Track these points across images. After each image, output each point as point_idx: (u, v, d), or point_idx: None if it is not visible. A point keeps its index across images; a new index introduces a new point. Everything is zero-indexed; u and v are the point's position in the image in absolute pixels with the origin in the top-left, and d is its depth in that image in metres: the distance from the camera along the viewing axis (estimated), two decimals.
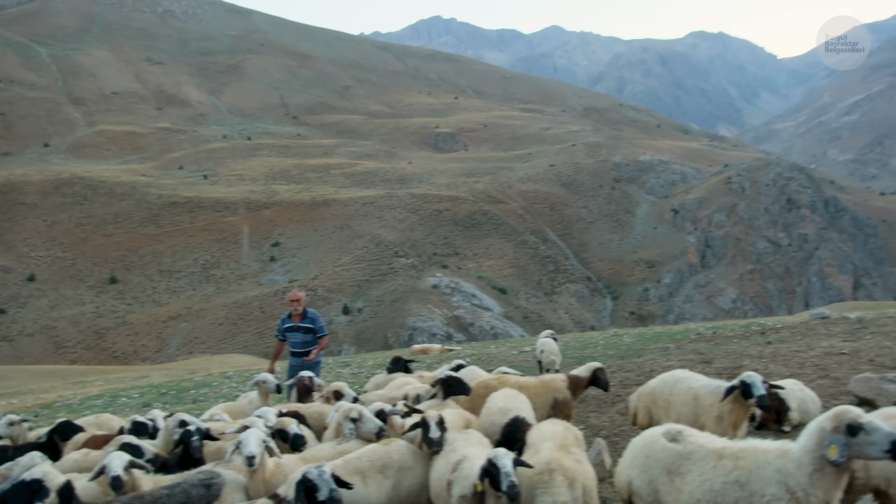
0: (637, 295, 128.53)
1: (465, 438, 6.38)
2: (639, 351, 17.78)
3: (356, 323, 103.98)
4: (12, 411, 18.52)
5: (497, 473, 5.20)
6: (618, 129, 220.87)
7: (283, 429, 7.28)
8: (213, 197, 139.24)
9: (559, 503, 5.36)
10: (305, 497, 5.06)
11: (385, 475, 6.25)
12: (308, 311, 11.85)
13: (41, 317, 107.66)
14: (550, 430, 6.40)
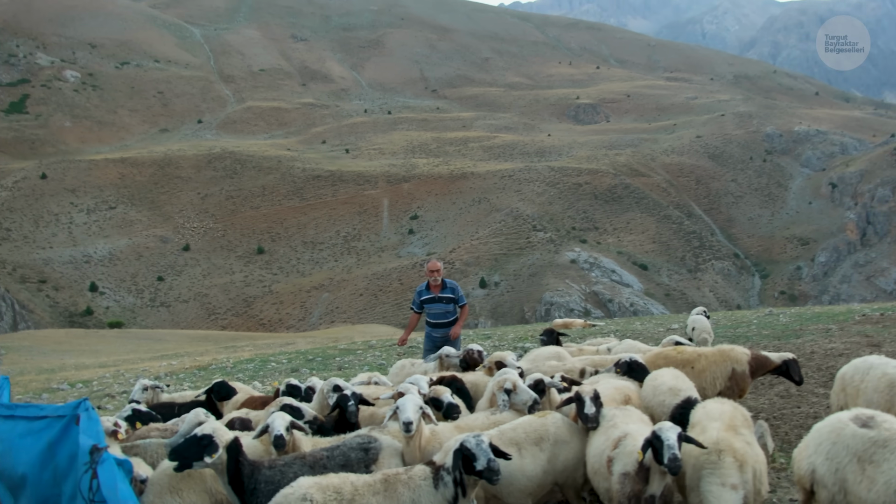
0: (788, 274, 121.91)
1: (625, 415, 6.22)
2: (797, 332, 16.67)
3: (493, 297, 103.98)
4: (172, 372, 21.07)
5: (661, 446, 5.11)
6: (771, 97, 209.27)
7: (436, 397, 7.22)
8: (355, 170, 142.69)
9: (728, 485, 5.20)
10: (463, 466, 5.09)
11: (541, 448, 6.22)
12: (447, 282, 11.66)
13: (195, 284, 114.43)
14: (718, 409, 6.11)
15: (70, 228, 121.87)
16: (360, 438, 6.20)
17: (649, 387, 7.46)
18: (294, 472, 5.57)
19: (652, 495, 5.35)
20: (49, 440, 6.32)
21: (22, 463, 6.64)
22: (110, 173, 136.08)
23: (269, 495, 5.26)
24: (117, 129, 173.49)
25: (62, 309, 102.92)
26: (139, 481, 5.77)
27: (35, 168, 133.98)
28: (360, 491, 5.09)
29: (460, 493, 5.13)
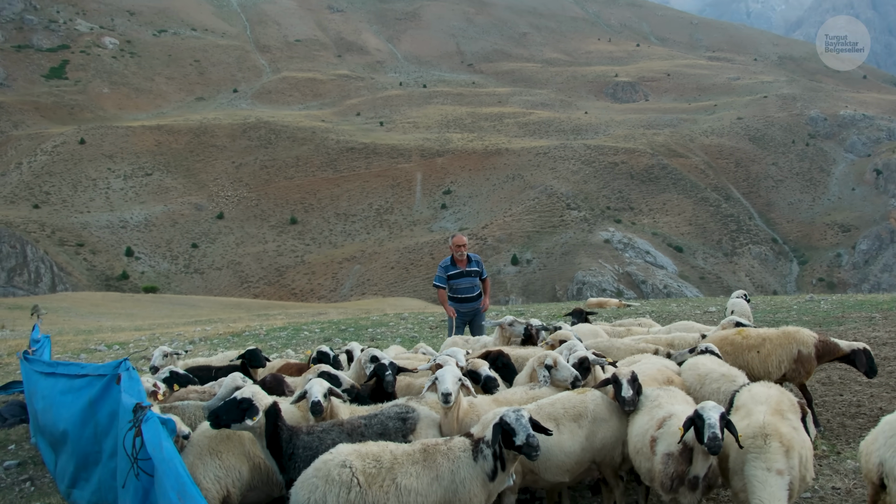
0: (828, 261, 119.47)
1: (669, 395, 6.16)
2: (839, 318, 16.44)
3: (524, 274, 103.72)
4: (206, 337, 21.26)
5: (702, 425, 5.07)
6: (816, 80, 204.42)
7: (474, 370, 7.20)
8: (389, 143, 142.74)
9: (774, 470, 5.14)
10: (502, 440, 5.10)
11: (579, 424, 6.16)
12: (471, 255, 11.62)
13: (228, 252, 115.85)
14: (764, 392, 6.02)
15: (107, 193, 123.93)
16: (398, 408, 6.28)
17: (693, 374, 7.32)
18: (332, 438, 5.67)
19: (695, 476, 5.33)
20: (90, 398, 6.52)
21: (63, 419, 6.98)
22: (147, 140, 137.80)
23: (308, 461, 5.34)
24: (154, 96, 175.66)
25: (99, 272, 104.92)
26: (182, 437, 5.82)
27: (74, 133, 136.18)
28: (399, 460, 5.13)
29: (499, 466, 5.17)
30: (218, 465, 5.78)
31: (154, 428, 4.70)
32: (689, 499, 5.45)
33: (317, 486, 4.93)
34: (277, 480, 5.97)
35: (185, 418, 6.62)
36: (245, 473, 5.97)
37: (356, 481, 4.92)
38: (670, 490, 5.44)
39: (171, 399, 7.67)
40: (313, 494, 4.91)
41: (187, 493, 3.68)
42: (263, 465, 6.02)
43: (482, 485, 5.20)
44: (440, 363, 6.84)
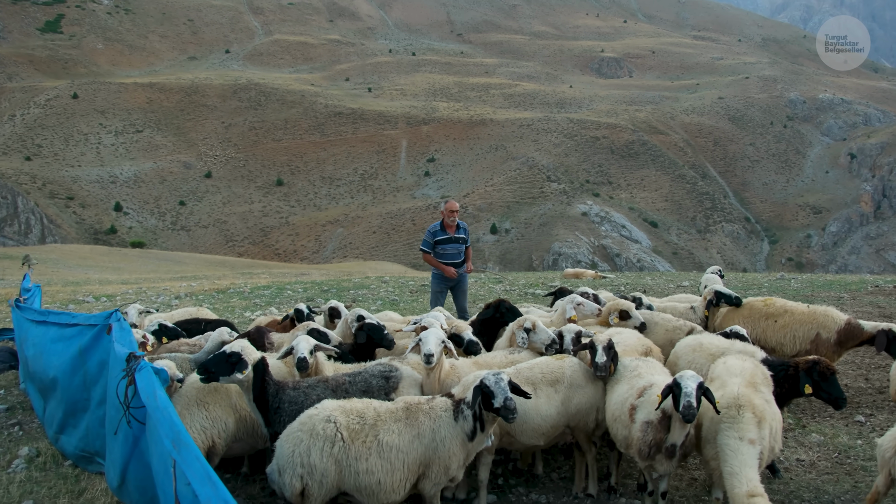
0: (798, 241, 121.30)
1: (649, 366, 6.16)
2: (808, 298, 16.15)
3: (503, 243, 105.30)
4: (191, 293, 21.09)
5: (679, 393, 5.06)
6: (798, 63, 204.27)
7: (458, 333, 7.32)
8: (376, 110, 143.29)
9: (746, 440, 5.14)
10: (482, 402, 5.14)
11: (556, 389, 6.19)
12: (460, 222, 11.44)
13: (215, 211, 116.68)
14: (739, 365, 6.05)
15: (98, 149, 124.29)
16: (382, 367, 6.28)
17: (686, 347, 7.31)
18: (317, 394, 5.71)
19: (673, 444, 5.35)
20: (80, 347, 6.49)
21: (53, 367, 6.91)
22: (139, 97, 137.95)
23: (293, 415, 5.38)
24: (147, 53, 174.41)
25: (88, 226, 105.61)
26: (176, 381, 5.96)
27: (67, 88, 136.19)
28: (382, 416, 5.15)
29: (478, 427, 5.22)
30: (204, 416, 5.78)
31: (147, 377, 4.63)
32: (665, 466, 5.48)
33: (301, 440, 4.95)
34: (262, 433, 6.04)
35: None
36: (231, 425, 5.97)
37: (340, 436, 4.95)
38: (647, 457, 5.45)
39: (160, 351, 7.76)
40: (298, 447, 4.93)
41: (182, 440, 3.69)
42: (249, 417, 6.06)
43: (461, 444, 5.23)
44: (425, 325, 7.06)
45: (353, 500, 5.19)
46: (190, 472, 3.45)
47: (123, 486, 5.33)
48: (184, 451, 3.65)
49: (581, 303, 8.22)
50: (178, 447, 3.69)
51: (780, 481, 6.63)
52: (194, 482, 3.37)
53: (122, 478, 5.28)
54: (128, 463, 5.16)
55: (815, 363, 6.28)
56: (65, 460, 6.93)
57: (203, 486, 3.30)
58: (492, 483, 6.54)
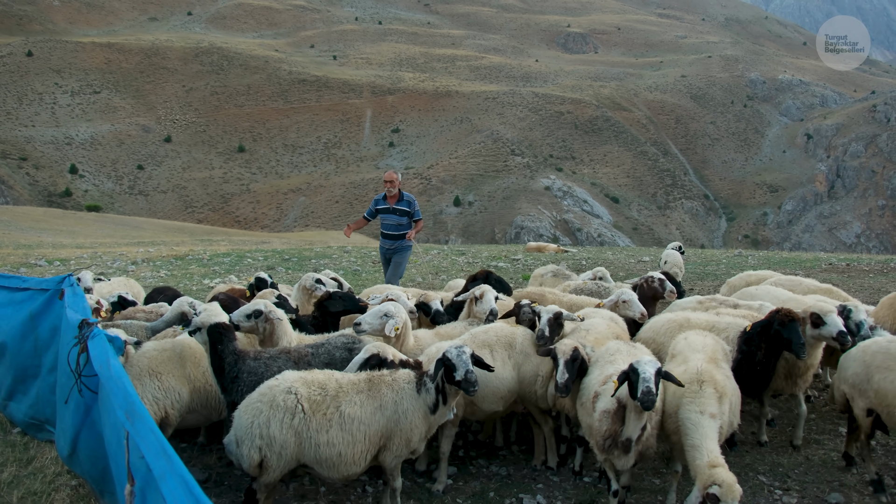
0: (754, 219, 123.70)
1: (631, 352, 5.75)
2: None
3: (466, 216, 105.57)
4: (149, 259, 20.69)
5: (636, 379, 4.80)
6: (759, 43, 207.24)
7: (426, 303, 7.37)
8: (341, 78, 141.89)
9: (707, 414, 5.08)
10: (444, 375, 5.11)
11: (509, 354, 6.25)
12: (405, 194, 11.33)
13: (174, 176, 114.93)
14: (700, 341, 5.99)
15: (53, 109, 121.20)
16: (345, 338, 6.19)
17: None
18: (279, 365, 5.58)
19: (628, 438, 5.06)
20: (31, 312, 6.35)
21: (1, 332, 6.71)
22: (97, 57, 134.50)
23: (252, 386, 5.28)
24: (106, 13, 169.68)
25: (41, 188, 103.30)
26: (132, 344, 5.88)
27: (21, 45, 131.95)
28: (344, 388, 5.06)
29: (441, 400, 5.19)
30: (157, 387, 5.64)
31: (101, 345, 4.48)
32: (622, 462, 5.20)
33: (261, 411, 4.84)
34: (217, 405, 5.97)
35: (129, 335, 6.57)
36: (185, 395, 5.80)
37: (300, 408, 4.85)
38: (604, 450, 5.22)
39: (118, 318, 7.72)
40: (257, 419, 4.82)
41: (136, 412, 3.57)
42: (204, 388, 5.92)
43: (423, 417, 5.19)
44: (392, 297, 7.06)
45: (313, 471, 5.08)
46: (144, 445, 3.32)
47: (74, 456, 5.19)
48: (137, 422, 3.52)
49: (628, 300, 7.45)
50: (131, 418, 3.55)
51: (735, 454, 6.71)
52: (148, 455, 3.24)
53: (73, 447, 5.13)
54: (79, 432, 5.02)
55: (776, 311, 6.30)
56: (13, 427, 6.78)
57: (157, 460, 3.15)
58: (452, 455, 6.47)
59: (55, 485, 5.57)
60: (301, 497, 5.77)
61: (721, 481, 4.50)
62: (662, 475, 6.11)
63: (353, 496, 5.87)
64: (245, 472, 5.03)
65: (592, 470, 6.44)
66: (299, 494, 5.81)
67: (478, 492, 6.05)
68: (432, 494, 5.93)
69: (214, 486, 5.95)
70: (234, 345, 5.59)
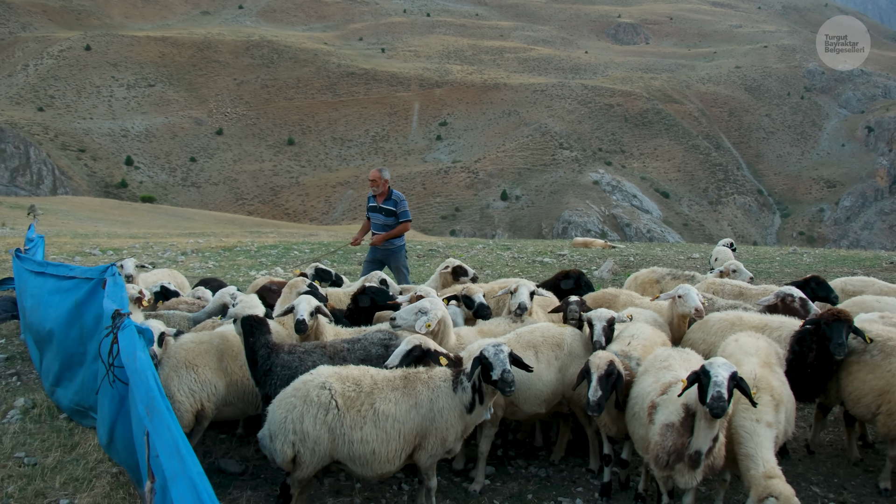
0: (810, 215, 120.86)
1: (683, 357, 5.40)
2: (821, 273, 15.36)
3: (513, 210, 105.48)
4: (198, 249, 21.03)
5: (707, 382, 4.38)
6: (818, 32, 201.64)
7: (469, 296, 7.10)
8: (389, 71, 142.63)
9: (763, 423, 4.79)
10: (481, 373, 4.93)
11: (556, 355, 6.04)
12: (393, 193, 10.78)
13: (225, 168, 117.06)
14: (753, 344, 5.63)
15: (110, 102, 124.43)
16: (382, 334, 6.06)
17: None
18: (313, 360, 5.51)
19: (697, 451, 4.60)
20: (77, 300, 6.41)
21: (50, 319, 6.84)
22: (151, 51, 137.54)
23: (286, 380, 5.20)
24: (160, 7, 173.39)
25: (99, 179, 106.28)
26: (171, 336, 5.87)
27: (80, 39, 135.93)
28: (379, 385, 4.97)
29: (477, 399, 5.02)
30: (193, 379, 5.58)
31: (130, 336, 4.47)
32: (687, 478, 4.73)
33: (294, 406, 4.78)
34: (255, 398, 5.85)
35: (170, 325, 6.60)
36: (221, 388, 5.74)
37: (334, 404, 4.78)
38: (665, 466, 4.76)
39: (161, 308, 7.74)
40: (291, 413, 4.77)
41: (155, 407, 3.50)
42: (241, 381, 5.84)
43: (459, 416, 5.04)
44: (421, 294, 6.85)
45: (347, 468, 5.01)
46: (159, 443, 3.24)
47: (112, 444, 5.22)
48: (156, 419, 3.45)
49: (684, 295, 6.84)
50: (151, 414, 3.49)
51: (789, 463, 6.42)
52: (162, 454, 3.17)
53: (111, 436, 5.16)
54: (115, 421, 5.03)
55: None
56: (60, 413, 6.88)
57: (170, 460, 3.07)
58: (490, 455, 6.31)
59: (96, 472, 5.63)
60: (336, 493, 5.71)
61: (778, 493, 4.29)
62: (709, 482, 5.80)
63: (389, 494, 5.78)
64: (279, 467, 4.97)
65: (636, 474, 6.16)
66: (334, 490, 5.75)
67: (515, 493, 5.89)
68: (469, 495, 5.81)
69: (251, 478, 5.93)
70: (268, 338, 5.50)
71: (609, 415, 5.53)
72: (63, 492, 5.31)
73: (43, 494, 5.27)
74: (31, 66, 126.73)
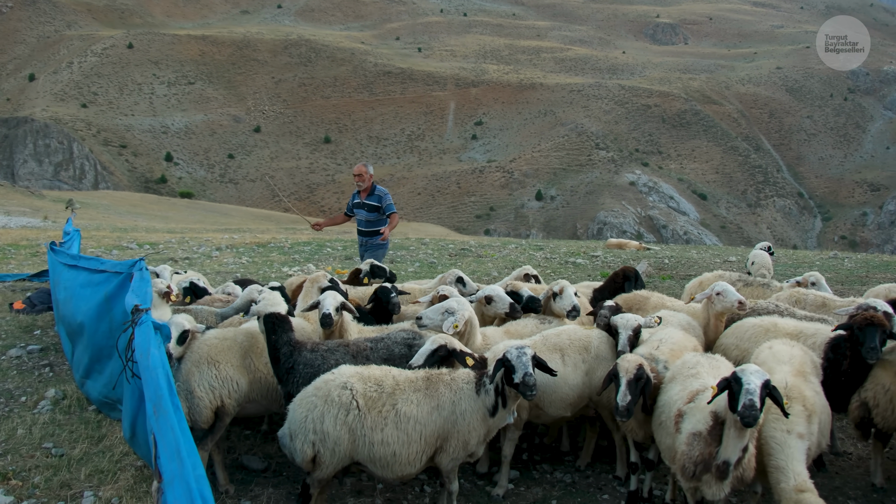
0: (852, 219, 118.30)
1: (712, 364, 5.18)
2: (862, 279, 15.31)
3: (547, 210, 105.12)
4: (232, 245, 21.13)
5: (739, 390, 4.19)
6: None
7: (516, 291, 7.02)
8: (425, 70, 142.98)
9: (795, 434, 4.59)
10: (504, 376, 4.83)
11: (583, 358, 5.92)
12: (376, 188, 10.79)
13: (262, 165, 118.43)
14: (787, 351, 5.41)
15: (151, 99, 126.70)
16: (405, 333, 5.99)
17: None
18: (336, 359, 5.45)
19: (725, 462, 4.40)
20: (106, 293, 6.43)
21: (81, 312, 6.89)
22: (191, 49, 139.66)
23: (308, 378, 5.17)
24: (201, 6, 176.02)
25: (139, 174, 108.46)
26: (198, 332, 5.81)
27: (123, 37, 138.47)
28: (401, 386, 4.92)
29: (500, 402, 4.93)
30: (214, 375, 5.53)
31: (145, 332, 4.44)
32: (714, 489, 4.52)
33: (315, 405, 4.75)
34: (279, 396, 5.75)
35: (198, 321, 6.53)
36: (243, 385, 5.66)
37: (355, 404, 4.73)
38: (692, 477, 4.57)
39: (199, 304, 7.75)
40: (311, 413, 4.74)
41: (162, 407, 3.46)
42: (265, 378, 5.76)
43: (482, 419, 4.95)
44: (445, 294, 6.75)
45: (367, 470, 4.94)
46: (161, 444, 3.19)
47: (134, 438, 5.23)
48: (161, 419, 3.39)
49: (722, 291, 6.66)
50: (157, 414, 3.44)
51: (825, 476, 6.16)
52: (163, 456, 3.12)
53: (133, 430, 5.17)
54: (136, 416, 5.02)
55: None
56: (89, 405, 6.95)
57: (170, 462, 3.03)
58: (515, 458, 6.19)
59: (121, 464, 5.67)
60: (358, 493, 5.66)
61: None
62: (741, 494, 5.55)
63: (411, 496, 5.71)
64: (298, 466, 4.92)
65: (663, 483, 6.00)
66: (356, 490, 5.70)
67: (539, 499, 5.78)
68: (492, 499, 5.71)
69: (273, 475, 5.93)
70: (291, 335, 5.44)
71: (636, 419, 5.37)
72: (88, 483, 5.34)
73: (68, 485, 5.30)
74: (76, 63, 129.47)
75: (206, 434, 5.47)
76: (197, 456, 3.10)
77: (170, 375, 3.92)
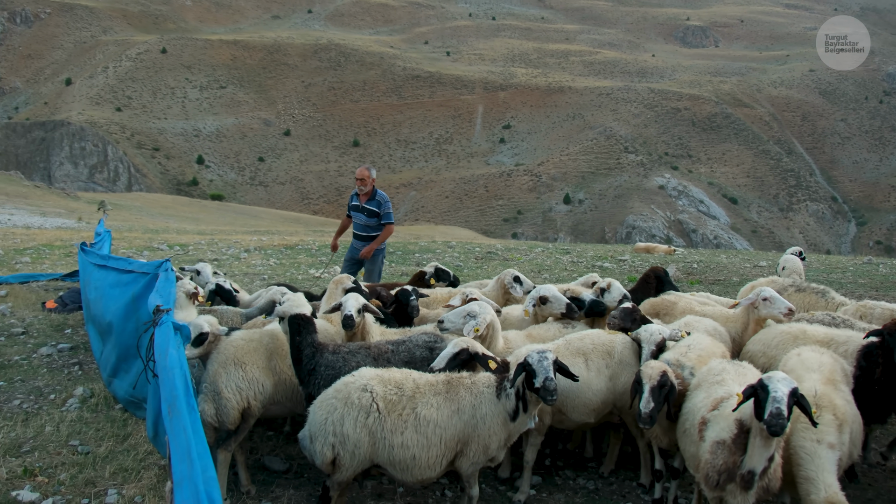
0: (888, 224, 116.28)
1: (739, 371, 5.08)
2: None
3: (575, 213, 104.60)
4: (261, 247, 21.45)
5: (765, 398, 4.09)
6: None
7: (577, 296, 6.91)
8: (454, 74, 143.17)
9: (825, 444, 4.46)
10: (525, 381, 4.80)
11: (606, 363, 5.83)
12: (377, 193, 10.45)
13: (292, 168, 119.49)
14: (816, 359, 5.27)
15: (184, 103, 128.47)
16: (427, 336, 5.95)
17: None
18: (357, 361, 5.44)
19: (750, 471, 4.28)
20: (133, 294, 6.51)
21: (109, 311, 7.01)
22: (223, 54, 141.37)
23: (329, 380, 5.17)
24: (233, 11, 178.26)
25: (171, 177, 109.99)
26: (222, 335, 5.80)
27: (157, 42, 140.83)
28: (421, 389, 4.90)
29: (521, 407, 4.89)
30: (241, 377, 5.53)
31: (165, 333, 4.45)
32: (739, 500, 4.40)
33: (335, 408, 4.74)
34: (302, 398, 5.76)
35: (223, 323, 6.63)
36: (268, 387, 5.67)
37: (375, 407, 4.71)
38: (716, 486, 4.46)
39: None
40: (331, 415, 4.73)
41: (176, 408, 3.46)
42: (289, 380, 5.76)
43: (503, 423, 4.91)
44: (473, 297, 6.70)
45: (387, 473, 4.91)
46: (173, 445, 3.17)
47: (157, 437, 5.24)
48: (174, 420, 3.38)
49: (769, 297, 6.46)
50: (171, 414, 3.43)
51: (857, 487, 5.98)
52: (174, 457, 3.11)
53: (155, 429, 5.20)
54: (158, 415, 4.99)
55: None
56: (116, 403, 6.99)
57: (180, 464, 3.02)
58: (538, 464, 6.13)
59: (145, 463, 5.69)
60: (378, 496, 5.65)
61: None
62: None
63: (432, 500, 5.67)
64: (319, 469, 4.91)
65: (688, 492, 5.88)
66: (376, 494, 5.69)
67: None
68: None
69: (294, 477, 5.93)
70: (314, 337, 5.43)
71: (660, 426, 5.28)
72: (112, 481, 5.36)
73: (93, 483, 5.31)
74: (111, 67, 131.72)
75: (231, 434, 5.48)
76: (209, 458, 3.09)
77: (188, 376, 3.93)
